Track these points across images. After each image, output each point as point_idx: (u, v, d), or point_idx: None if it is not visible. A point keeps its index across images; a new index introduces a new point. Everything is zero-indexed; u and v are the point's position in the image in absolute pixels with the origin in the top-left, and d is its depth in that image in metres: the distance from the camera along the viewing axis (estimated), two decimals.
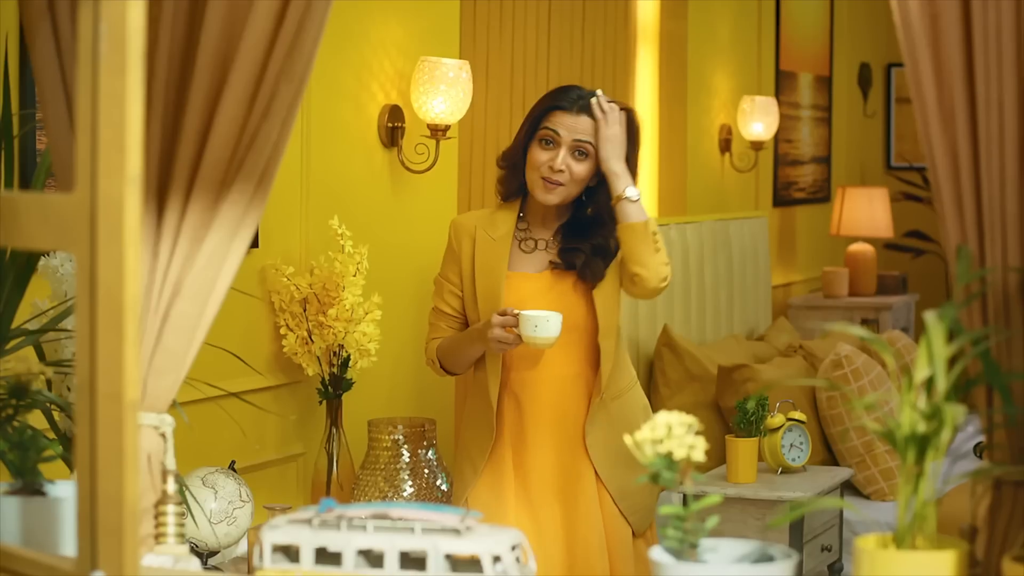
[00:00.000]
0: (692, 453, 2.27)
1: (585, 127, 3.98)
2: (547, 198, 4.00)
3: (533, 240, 4.11)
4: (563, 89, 4.07)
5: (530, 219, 4.11)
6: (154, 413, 2.71)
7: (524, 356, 4.03)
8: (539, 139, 4.00)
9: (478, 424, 4.11)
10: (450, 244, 4.15)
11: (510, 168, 4.09)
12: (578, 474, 4.05)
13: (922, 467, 2.22)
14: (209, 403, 4.17)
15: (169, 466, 2.74)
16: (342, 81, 4.87)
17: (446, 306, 4.14)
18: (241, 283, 4.28)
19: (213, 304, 2.69)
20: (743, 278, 6.97)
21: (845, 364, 5.75)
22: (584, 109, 3.99)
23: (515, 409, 4.07)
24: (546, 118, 4.01)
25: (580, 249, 4.01)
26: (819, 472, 5.27)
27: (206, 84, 2.62)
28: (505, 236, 4.06)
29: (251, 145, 2.64)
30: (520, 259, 4.09)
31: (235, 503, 4.02)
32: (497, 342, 3.91)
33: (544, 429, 4.05)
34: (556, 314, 3.87)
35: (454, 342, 4.11)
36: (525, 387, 4.06)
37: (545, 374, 4.06)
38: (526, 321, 3.85)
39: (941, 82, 2.40)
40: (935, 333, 2.20)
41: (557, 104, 4.00)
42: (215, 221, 2.65)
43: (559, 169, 3.96)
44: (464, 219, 4.17)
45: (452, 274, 4.13)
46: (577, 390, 4.06)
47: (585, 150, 3.98)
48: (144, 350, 2.67)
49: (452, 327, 4.15)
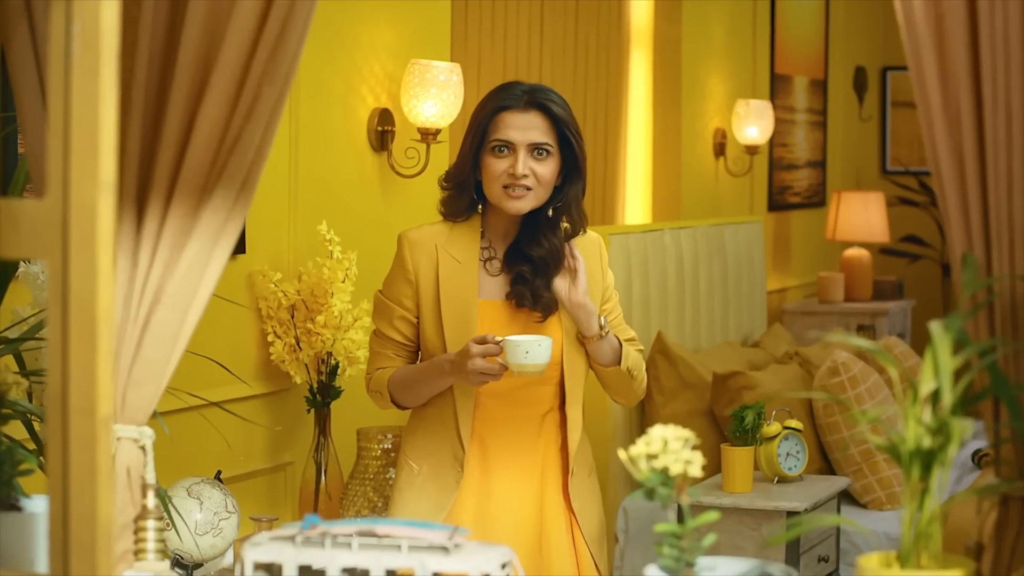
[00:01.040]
0: (688, 468, 2.19)
1: (539, 124, 3.55)
2: (517, 206, 3.55)
3: (498, 261, 3.66)
4: (504, 87, 3.63)
5: (491, 236, 3.66)
6: (134, 426, 2.65)
7: (494, 392, 3.60)
8: (490, 148, 3.56)
9: (437, 464, 3.64)
10: (402, 262, 3.66)
11: (457, 187, 3.63)
12: (551, 520, 3.65)
13: (927, 483, 2.14)
14: (195, 412, 4.12)
15: (149, 480, 2.68)
16: (331, 84, 4.83)
17: (395, 332, 3.66)
18: (227, 289, 4.31)
19: (194, 313, 2.62)
20: (738, 284, 6.92)
21: (842, 371, 5.68)
22: (533, 104, 3.56)
23: (479, 452, 3.64)
24: (493, 124, 3.57)
25: (524, 274, 3.60)
26: (816, 481, 5.21)
27: (187, 86, 2.55)
28: (471, 258, 3.62)
29: (233, 148, 2.57)
30: (486, 283, 3.64)
31: (221, 514, 3.97)
32: (479, 374, 3.45)
33: (512, 475, 3.63)
34: (547, 338, 3.47)
35: (415, 374, 3.64)
36: (492, 427, 3.63)
37: (516, 413, 3.64)
38: (515, 348, 3.44)
39: (946, 84, 2.33)
40: (941, 344, 2.12)
41: (502, 104, 3.58)
42: (196, 227, 2.58)
43: (522, 175, 3.53)
44: (420, 235, 3.67)
45: (405, 298, 3.65)
46: (548, 431, 3.66)
47: (545, 149, 3.55)
48: (123, 360, 2.61)
49: (400, 356, 3.68)
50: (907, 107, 9.84)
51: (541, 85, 3.64)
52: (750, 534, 4.87)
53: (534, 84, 3.63)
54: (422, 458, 3.66)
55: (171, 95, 2.56)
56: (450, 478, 3.62)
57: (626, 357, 3.62)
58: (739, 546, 4.84)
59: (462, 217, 3.65)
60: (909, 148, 9.85)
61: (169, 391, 3.21)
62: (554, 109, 3.57)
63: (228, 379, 4.25)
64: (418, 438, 3.69)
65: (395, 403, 3.69)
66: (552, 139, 3.57)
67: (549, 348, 3.46)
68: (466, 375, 3.48)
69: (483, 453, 3.64)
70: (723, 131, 7.75)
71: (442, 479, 3.63)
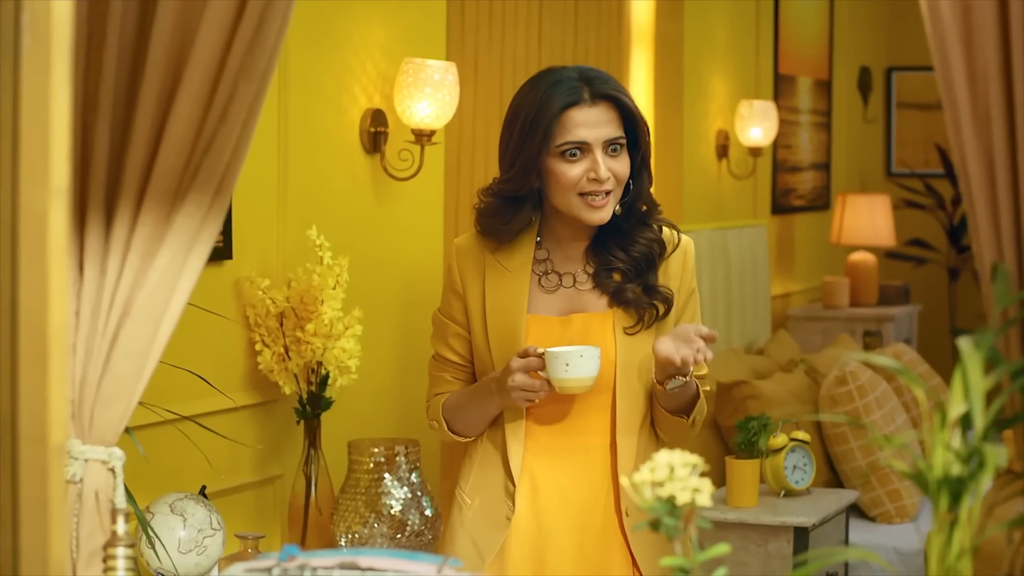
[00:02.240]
0: (697, 497, 2.03)
1: (611, 118, 3.19)
2: (601, 216, 3.18)
3: (557, 275, 3.29)
4: (555, 79, 3.21)
5: (550, 246, 3.30)
6: (102, 446, 2.51)
7: (542, 418, 3.27)
8: (560, 152, 3.18)
9: (488, 499, 3.31)
10: (451, 273, 3.34)
11: (512, 201, 3.24)
12: (607, 566, 3.27)
13: (956, 514, 1.97)
14: (178, 424, 4.02)
15: (119, 504, 2.53)
16: (322, 84, 4.74)
17: (451, 352, 3.36)
18: (213, 297, 4.24)
19: (167, 326, 2.49)
20: (742, 289, 6.86)
21: (850, 380, 5.56)
22: (600, 96, 3.19)
23: (530, 487, 3.29)
24: (559, 124, 3.17)
25: (617, 268, 3.24)
26: (824, 495, 5.09)
27: (158, 83, 2.42)
28: (522, 267, 3.27)
29: (208, 150, 2.44)
30: (540, 299, 3.28)
31: (205, 531, 3.88)
32: (520, 391, 3.13)
33: (564, 513, 3.27)
34: (592, 348, 3.12)
35: (463, 398, 3.32)
36: (543, 459, 3.28)
37: (565, 443, 3.27)
38: (554, 360, 3.10)
39: (975, 83, 2.19)
40: (971, 363, 1.96)
41: (568, 100, 3.17)
42: (168, 234, 2.45)
43: (605, 178, 3.17)
44: (469, 241, 3.33)
45: (456, 311, 3.33)
46: (598, 464, 3.27)
47: (619, 143, 3.20)
48: (91, 377, 2.48)
49: (460, 378, 3.37)
50: (912, 108, 9.78)
51: (591, 69, 3.25)
52: (756, 550, 4.75)
53: (582, 69, 3.23)
54: (475, 492, 3.33)
55: (141, 93, 2.43)
56: (501, 514, 3.28)
57: (698, 409, 3.24)
58: (744, 562, 4.73)
59: (513, 236, 3.27)
60: (914, 150, 9.80)
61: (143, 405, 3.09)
62: (623, 99, 3.21)
63: (214, 390, 4.15)
64: (471, 470, 3.35)
65: (453, 432, 3.35)
66: (623, 130, 3.22)
67: (595, 360, 3.11)
68: (506, 394, 3.17)
69: (533, 488, 3.28)
70: (726, 132, 7.68)
71: (493, 515, 3.29)
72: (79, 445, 2.48)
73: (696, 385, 3.23)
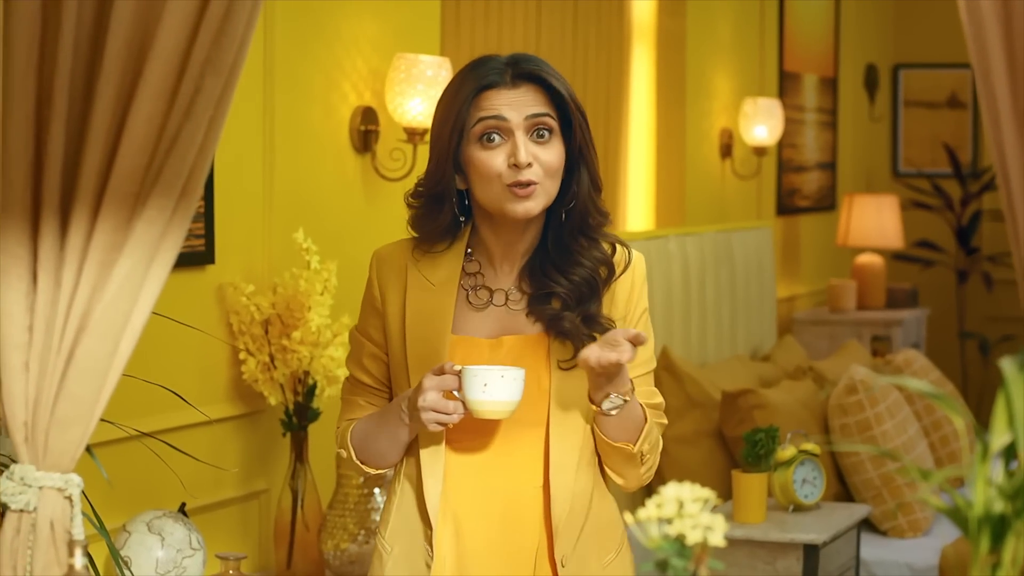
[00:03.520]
0: (708, 536, 1.84)
1: (534, 99, 2.80)
2: (527, 207, 2.78)
3: (488, 291, 2.89)
4: (478, 63, 2.85)
5: (481, 259, 2.91)
6: (58, 473, 2.36)
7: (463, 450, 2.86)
8: (477, 137, 2.80)
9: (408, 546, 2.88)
10: (369, 285, 2.96)
11: (433, 200, 2.86)
12: None
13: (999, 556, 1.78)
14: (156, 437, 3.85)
15: (76, 536, 2.39)
16: (310, 80, 4.67)
17: (365, 374, 2.95)
18: (195, 303, 4.21)
19: (127, 341, 2.34)
20: (747, 293, 6.78)
21: (860, 389, 5.40)
22: (521, 76, 2.81)
23: (452, 531, 2.87)
24: (474, 107, 2.80)
25: (555, 293, 2.85)
26: (834, 510, 4.94)
27: (117, 77, 2.27)
28: (448, 281, 2.88)
29: (171, 149, 2.29)
30: (467, 318, 2.89)
31: (184, 551, 3.80)
32: (432, 411, 2.72)
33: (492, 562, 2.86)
34: (516, 369, 2.73)
35: (371, 423, 2.91)
36: (464, 499, 2.86)
37: (490, 482, 2.85)
38: (471, 379, 2.70)
39: (1016, 81, 2.05)
40: (1015, 388, 1.76)
41: (483, 83, 2.80)
42: (129, 242, 2.30)
43: (527, 163, 2.77)
44: (391, 251, 2.94)
45: (372, 329, 2.93)
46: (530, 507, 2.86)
47: (546, 125, 2.80)
48: (46, 397, 2.34)
49: (375, 404, 2.96)
50: (919, 107, 9.71)
51: (523, 54, 2.88)
52: (764, 568, 4.60)
53: (517, 55, 2.86)
54: (394, 538, 2.90)
55: (99, 88, 2.28)
56: (420, 562, 2.86)
57: (645, 436, 2.84)
58: None
59: (444, 239, 2.89)
60: (921, 149, 9.72)
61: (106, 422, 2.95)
62: (551, 80, 2.83)
63: (196, 401, 4.05)
64: (390, 512, 2.92)
65: (362, 463, 2.93)
66: (553, 110, 2.83)
67: (518, 383, 2.72)
68: (415, 417, 2.76)
69: (456, 533, 2.86)
70: (730, 131, 7.62)
71: (412, 563, 2.87)
72: (33, 471, 2.35)
73: (642, 409, 2.84)
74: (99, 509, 3.24)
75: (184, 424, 4.07)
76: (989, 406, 7.69)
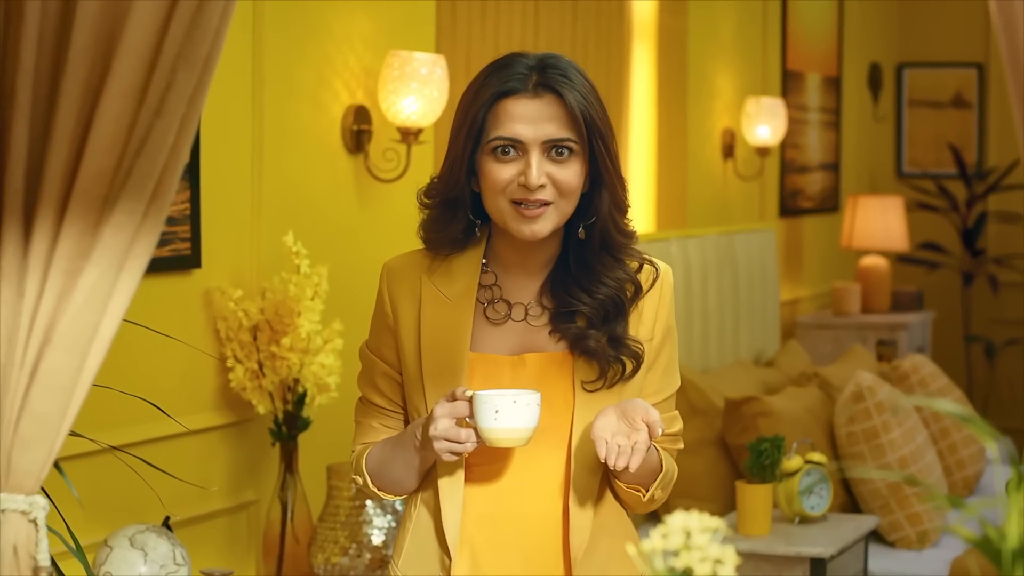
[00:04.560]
0: (718, 569, 1.71)
1: (555, 114, 2.66)
2: (533, 229, 2.64)
3: (506, 304, 2.74)
4: (503, 63, 2.70)
5: (498, 270, 2.77)
6: (22, 495, 2.22)
7: (482, 479, 2.72)
8: (491, 150, 2.66)
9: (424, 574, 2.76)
10: (380, 300, 2.80)
11: (446, 205, 2.72)
12: None
13: None
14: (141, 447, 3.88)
15: (41, 561, 2.26)
16: (300, 79, 4.62)
17: (378, 395, 2.82)
18: (181, 308, 4.17)
19: (95, 355, 2.21)
20: (750, 297, 6.70)
21: (867, 396, 5.30)
22: (546, 87, 2.66)
23: (470, 562, 2.73)
24: (492, 115, 2.66)
25: (578, 311, 2.71)
26: (841, 521, 4.86)
27: (84, 73, 2.13)
28: (465, 294, 2.73)
29: (141, 150, 2.14)
30: (486, 334, 2.74)
31: (168, 567, 3.66)
32: (444, 441, 2.59)
33: None
34: (531, 393, 2.60)
35: (385, 450, 2.78)
36: (483, 528, 2.73)
37: (509, 510, 2.72)
38: (482, 406, 2.57)
39: None
40: None
41: (503, 88, 2.66)
42: (96, 248, 2.16)
43: (539, 185, 2.63)
44: (402, 263, 2.80)
45: (385, 347, 2.79)
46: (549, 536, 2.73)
47: (566, 147, 2.65)
48: (7, 415, 2.21)
49: (390, 427, 2.82)
50: (924, 106, 9.63)
51: (552, 56, 2.72)
52: None
53: (546, 57, 2.70)
54: (408, 566, 2.77)
55: (64, 84, 2.15)
56: None
57: (658, 483, 2.71)
58: None
59: (454, 248, 2.74)
60: (925, 150, 9.65)
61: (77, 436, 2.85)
62: (572, 95, 2.67)
63: (182, 410, 4.06)
64: (405, 539, 2.79)
65: (379, 490, 2.80)
66: (574, 132, 2.67)
67: (533, 408, 2.59)
68: (429, 445, 2.63)
69: (474, 564, 2.72)
70: (732, 131, 7.55)
71: None
72: None
73: (658, 454, 2.72)
74: (79, 522, 3.16)
75: (170, 434, 4.01)
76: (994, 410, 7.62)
